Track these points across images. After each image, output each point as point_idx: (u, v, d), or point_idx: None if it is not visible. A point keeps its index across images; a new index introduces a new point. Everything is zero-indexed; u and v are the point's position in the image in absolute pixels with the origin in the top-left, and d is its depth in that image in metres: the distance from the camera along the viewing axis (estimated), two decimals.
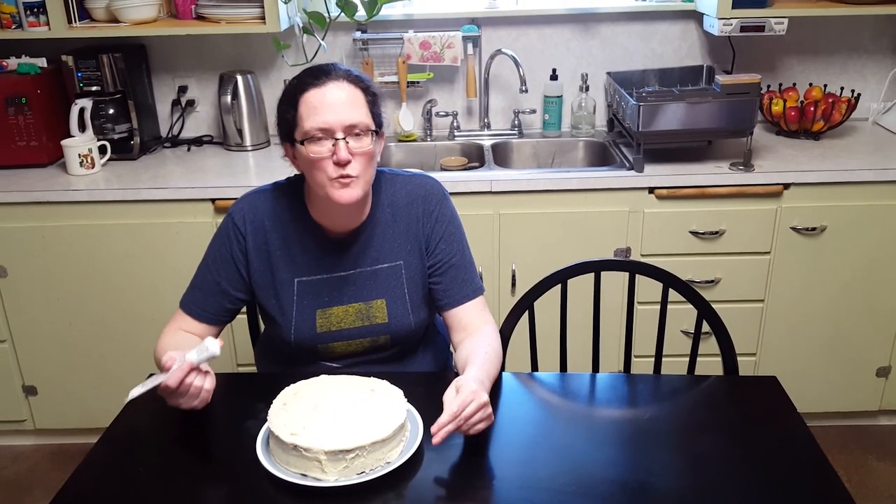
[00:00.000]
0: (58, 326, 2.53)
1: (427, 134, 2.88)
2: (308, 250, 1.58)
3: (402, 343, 1.64)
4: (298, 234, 1.58)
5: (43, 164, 2.59)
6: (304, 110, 1.45)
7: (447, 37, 2.72)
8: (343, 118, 1.43)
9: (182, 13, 2.64)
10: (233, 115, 2.72)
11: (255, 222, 1.57)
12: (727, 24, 2.52)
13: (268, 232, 1.57)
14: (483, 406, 1.30)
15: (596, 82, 2.86)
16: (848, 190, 2.39)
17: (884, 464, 2.55)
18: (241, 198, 1.61)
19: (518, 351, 1.82)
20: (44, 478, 2.59)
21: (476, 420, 1.29)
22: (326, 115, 1.43)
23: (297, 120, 1.46)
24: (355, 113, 1.44)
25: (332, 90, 1.44)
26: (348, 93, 1.45)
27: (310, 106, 1.44)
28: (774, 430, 1.40)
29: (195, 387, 1.35)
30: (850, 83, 2.86)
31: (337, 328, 1.58)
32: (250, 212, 1.58)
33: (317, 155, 1.44)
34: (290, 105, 1.47)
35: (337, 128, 1.43)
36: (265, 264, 1.58)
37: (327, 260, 1.58)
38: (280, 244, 1.57)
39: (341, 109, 1.43)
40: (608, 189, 2.39)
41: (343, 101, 1.44)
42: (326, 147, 1.44)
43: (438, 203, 1.61)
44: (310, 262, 1.58)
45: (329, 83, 1.45)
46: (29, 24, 2.52)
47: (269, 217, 1.58)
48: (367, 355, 1.63)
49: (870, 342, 2.56)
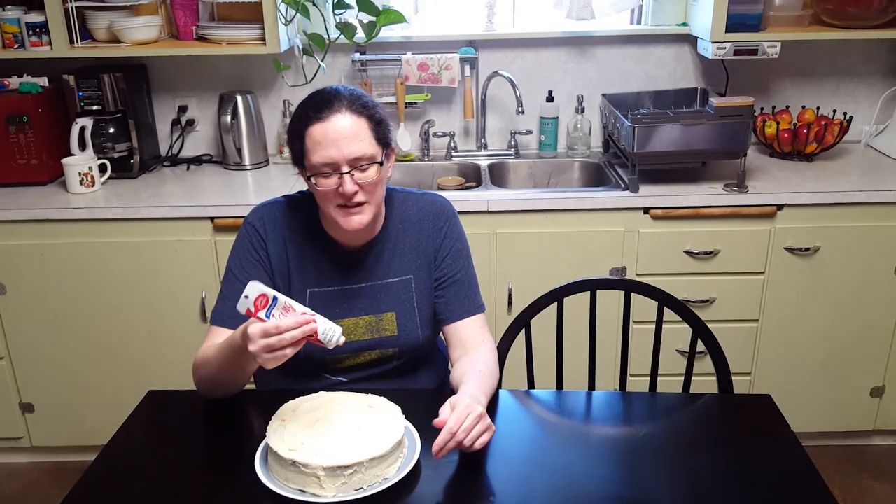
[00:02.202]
0: (56, 344, 2.53)
1: (424, 154, 2.90)
2: (321, 262, 1.60)
3: (409, 356, 1.65)
4: (312, 246, 1.60)
5: (43, 182, 2.61)
6: (309, 144, 1.47)
7: (445, 59, 2.76)
8: (347, 153, 1.45)
9: (183, 34, 2.67)
10: (232, 135, 2.75)
11: (275, 230, 1.60)
12: (721, 48, 2.55)
13: (285, 240, 1.60)
14: (480, 417, 1.30)
15: (591, 104, 2.90)
16: (841, 211, 2.41)
17: (878, 484, 2.55)
18: (257, 207, 1.63)
19: (514, 368, 1.83)
20: (41, 495, 2.58)
21: (477, 433, 1.29)
22: (331, 151, 1.45)
23: (304, 152, 1.49)
24: (359, 145, 1.47)
25: (335, 124, 1.46)
26: (352, 124, 1.47)
27: (314, 141, 1.46)
28: (769, 449, 1.41)
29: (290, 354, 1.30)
30: (842, 106, 2.89)
31: (347, 340, 1.60)
32: (270, 220, 1.60)
33: (324, 188, 1.48)
34: (296, 137, 1.50)
35: (342, 162, 1.46)
36: (282, 272, 1.60)
37: (339, 272, 1.61)
38: (295, 254, 1.60)
39: (345, 144, 1.45)
40: (604, 209, 2.41)
41: (346, 134, 1.46)
42: (333, 181, 1.47)
43: (448, 220, 1.65)
44: (322, 274, 1.60)
45: (332, 116, 1.46)
46: (31, 44, 2.55)
47: (286, 227, 1.60)
48: (372, 368, 1.64)
49: (864, 362, 2.57)
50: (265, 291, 1.30)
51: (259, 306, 1.30)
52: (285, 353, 1.29)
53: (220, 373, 1.47)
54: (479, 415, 1.30)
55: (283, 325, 1.28)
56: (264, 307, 1.30)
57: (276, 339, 1.28)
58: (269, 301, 1.31)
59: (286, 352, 1.29)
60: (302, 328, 1.28)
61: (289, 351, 1.29)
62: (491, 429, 1.33)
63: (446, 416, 1.29)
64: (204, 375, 1.50)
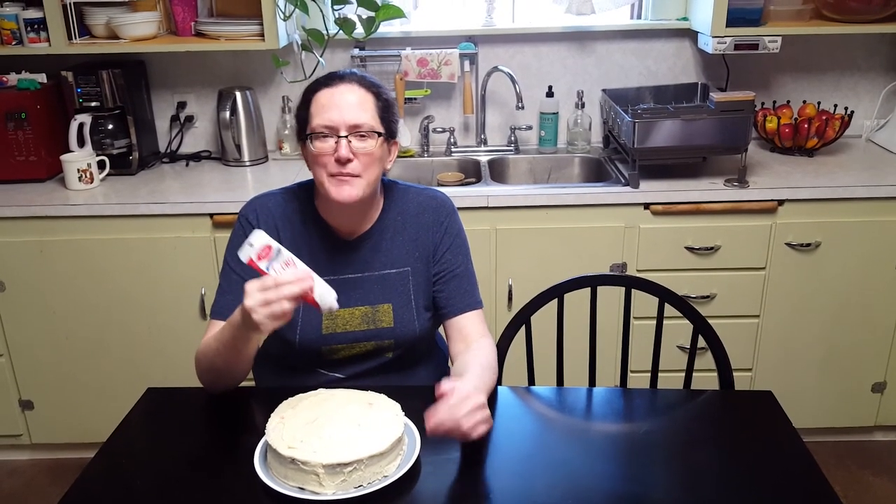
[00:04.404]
0: (55, 341, 2.53)
1: (424, 150, 2.89)
2: (317, 252, 1.60)
3: (405, 347, 1.65)
4: (308, 236, 1.61)
5: (42, 179, 2.60)
6: (314, 108, 1.51)
7: (444, 54, 2.75)
8: (348, 118, 1.48)
9: (182, 30, 2.66)
10: (231, 131, 2.74)
11: (267, 221, 1.60)
12: (721, 43, 2.54)
13: (278, 230, 1.60)
14: (480, 407, 1.29)
15: (591, 99, 2.89)
16: (842, 206, 2.40)
17: (880, 479, 2.55)
18: (252, 199, 1.64)
19: (515, 365, 1.83)
20: (40, 493, 2.58)
21: (475, 421, 1.27)
22: (332, 114, 1.48)
23: (308, 118, 1.52)
24: (362, 114, 1.49)
25: (342, 91, 1.50)
26: (358, 95, 1.51)
27: (319, 104, 1.50)
28: (770, 445, 1.41)
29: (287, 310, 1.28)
30: (843, 100, 2.88)
31: (342, 330, 1.60)
32: (262, 212, 1.61)
33: (319, 150, 1.50)
34: (304, 105, 1.54)
35: (341, 126, 1.48)
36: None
37: (336, 262, 1.61)
38: (290, 245, 1.59)
39: (348, 109, 1.48)
40: (604, 205, 2.40)
41: (351, 102, 1.49)
42: (329, 144, 1.49)
43: (448, 216, 1.66)
44: (318, 264, 1.59)
45: (341, 85, 1.51)
46: (29, 41, 2.54)
47: (280, 218, 1.61)
48: (368, 361, 1.64)
49: (865, 358, 2.57)
50: (270, 243, 1.31)
51: (261, 256, 1.30)
52: (283, 308, 1.27)
53: (218, 357, 1.45)
54: (480, 403, 1.30)
55: (282, 279, 1.28)
56: (266, 258, 1.30)
57: (274, 293, 1.27)
58: (273, 253, 1.31)
59: (284, 306, 1.27)
60: (300, 284, 1.28)
61: (286, 305, 1.27)
62: (489, 421, 1.32)
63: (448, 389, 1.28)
64: (205, 364, 1.50)
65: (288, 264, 1.31)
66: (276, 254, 1.31)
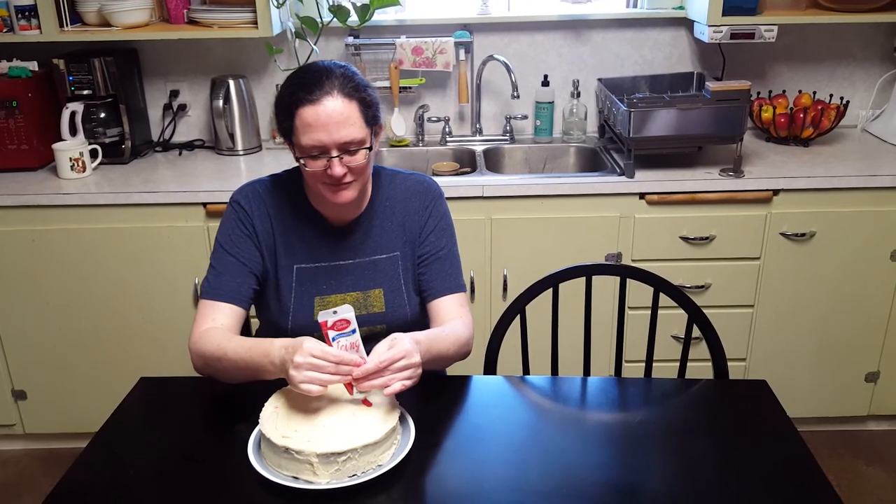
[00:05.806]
0: (48, 330, 2.52)
1: (419, 139, 2.88)
2: (307, 238, 1.61)
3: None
4: (298, 223, 1.61)
5: (33, 168, 2.58)
6: (299, 125, 1.47)
7: (439, 42, 2.73)
8: (337, 137, 1.45)
9: (174, 17, 2.64)
10: (224, 120, 2.72)
11: (260, 208, 1.60)
12: (717, 31, 2.53)
13: (271, 217, 1.60)
14: (413, 367, 1.33)
15: (587, 88, 2.88)
16: (837, 196, 2.40)
17: (873, 468, 2.56)
18: (242, 186, 1.63)
19: (510, 354, 1.83)
20: (33, 483, 2.58)
21: (402, 377, 1.32)
22: (320, 135, 1.45)
23: (294, 132, 1.48)
24: (350, 130, 1.46)
25: (325, 107, 1.44)
26: (343, 108, 1.46)
27: (304, 123, 1.46)
28: (764, 434, 1.41)
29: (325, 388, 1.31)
30: (839, 90, 2.88)
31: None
32: (254, 198, 1.61)
33: (313, 169, 1.49)
34: (286, 115, 1.49)
35: (331, 147, 1.46)
36: (269, 248, 1.60)
37: (326, 249, 1.61)
38: (281, 231, 1.60)
39: (335, 129, 1.45)
40: (599, 195, 2.40)
41: (337, 119, 1.45)
42: (321, 163, 1.48)
43: (434, 200, 1.66)
44: (309, 250, 1.61)
45: (323, 99, 1.45)
46: (20, 28, 2.52)
47: (271, 205, 1.61)
48: None
49: (859, 347, 2.58)
50: (351, 320, 1.32)
51: (335, 326, 1.32)
52: (323, 382, 1.29)
53: (229, 368, 1.45)
54: (414, 363, 1.33)
55: (344, 358, 1.30)
56: (338, 329, 1.33)
57: (328, 367, 1.29)
58: (347, 329, 1.33)
59: (323, 378, 1.29)
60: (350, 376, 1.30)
61: (326, 380, 1.29)
62: (415, 379, 1.34)
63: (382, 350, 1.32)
64: (211, 366, 1.48)
65: (354, 347, 1.33)
66: (350, 333, 1.33)
